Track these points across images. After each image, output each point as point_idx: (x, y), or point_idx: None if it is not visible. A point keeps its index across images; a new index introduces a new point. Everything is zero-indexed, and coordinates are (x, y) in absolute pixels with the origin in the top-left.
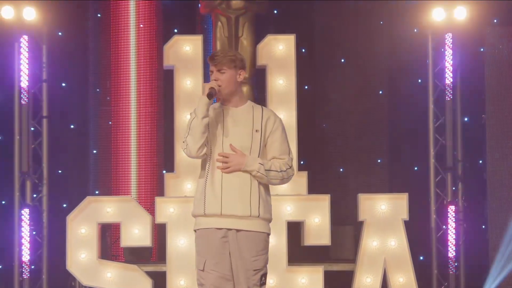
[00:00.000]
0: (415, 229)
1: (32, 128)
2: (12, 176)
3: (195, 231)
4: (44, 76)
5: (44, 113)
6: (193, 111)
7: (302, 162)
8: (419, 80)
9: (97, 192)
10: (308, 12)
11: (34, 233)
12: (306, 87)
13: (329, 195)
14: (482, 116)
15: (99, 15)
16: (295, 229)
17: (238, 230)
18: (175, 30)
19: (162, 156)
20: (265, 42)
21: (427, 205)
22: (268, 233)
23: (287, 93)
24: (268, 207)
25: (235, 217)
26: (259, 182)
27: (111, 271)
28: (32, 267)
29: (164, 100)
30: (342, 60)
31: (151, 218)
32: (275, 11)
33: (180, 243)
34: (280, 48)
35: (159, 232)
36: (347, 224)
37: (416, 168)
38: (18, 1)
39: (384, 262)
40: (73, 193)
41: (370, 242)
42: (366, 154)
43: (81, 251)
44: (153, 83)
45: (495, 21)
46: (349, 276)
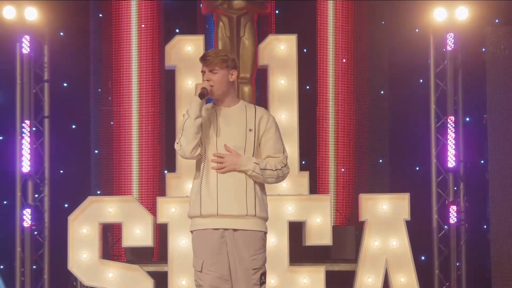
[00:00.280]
0: (417, 229)
1: (33, 128)
2: (13, 176)
3: (191, 232)
4: (46, 76)
5: (46, 113)
6: (186, 112)
7: (303, 162)
8: (421, 80)
9: (98, 192)
10: (310, 12)
11: (35, 233)
12: (307, 87)
13: (330, 195)
14: (483, 116)
15: (100, 15)
16: (296, 229)
17: (235, 229)
18: (177, 30)
19: (164, 156)
20: (267, 42)
21: (429, 205)
22: (265, 232)
23: (288, 93)
24: (264, 206)
25: (231, 217)
26: (255, 181)
27: (113, 271)
28: (34, 267)
29: (166, 100)
30: (344, 60)
31: (153, 218)
32: (276, 11)
33: (182, 243)
34: (281, 48)
35: (161, 232)
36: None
37: (417, 168)
38: (19, 1)
39: (386, 262)
40: (74, 193)
41: (372, 242)
42: (367, 154)
43: (82, 251)
44: (154, 83)
45: (497, 21)
46: (350, 276)
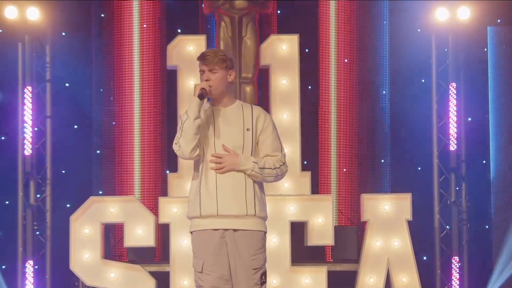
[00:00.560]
0: (419, 229)
1: (35, 128)
2: (15, 176)
3: (191, 233)
4: (48, 76)
5: (48, 113)
6: (184, 112)
7: (305, 162)
8: (423, 80)
9: (100, 192)
10: (312, 12)
11: (37, 233)
12: (309, 87)
13: (332, 195)
14: (485, 116)
15: (102, 15)
16: (298, 229)
17: (235, 230)
18: (179, 30)
19: (166, 156)
20: (269, 42)
21: (431, 205)
22: (265, 232)
23: (290, 93)
24: (264, 205)
25: (231, 217)
26: (254, 181)
27: (115, 271)
28: (36, 267)
29: (168, 100)
30: (346, 60)
31: (155, 218)
32: (278, 11)
33: (184, 243)
34: (283, 48)
35: (163, 232)
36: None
37: (419, 168)
38: (21, 1)
39: (388, 262)
40: (76, 193)
41: (374, 242)
42: (369, 154)
43: (84, 251)
44: (156, 83)
45: (499, 21)
46: (352, 276)
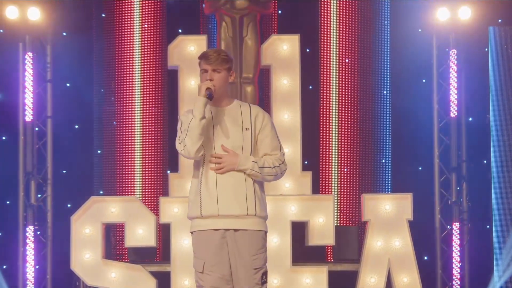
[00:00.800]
0: (420, 229)
1: (36, 128)
2: (16, 176)
3: (191, 233)
4: (49, 76)
5: (49, 113)
6: (184, 112)
7: (306, 162)
8: (424, 80)
9: (101, 192)
10: (313, 12)
11: (38, 233)
12: (310, 87)
13: (333, 195)
14: (486, 116)
15: (103, 15)
16: (299, 229)
17: (236, 230)
18: (180, 30)
19: (167, 156)
20: (270, 42)
21: (432, 205)
22: (266, 231)
23: (291, 93)
24: (264, 205)
25: (232, 217)
26: (254, 180)
27: (116, 271)
28: (37, 267)
29: (169, 100)
30: (346, 60)
31: (156, 218)
32: (279, 11)
33: (185, 243)
34: (284, 48)
35: (164, 232)
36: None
37: (420, 168)
38: (22, 1)
39: (389, 262)
40: (77, 193)
41: (375, 242)
42: (370, 154)
43: (85, 251)
44: (157, 83)
45: (500, 21)
46: (353, 276)
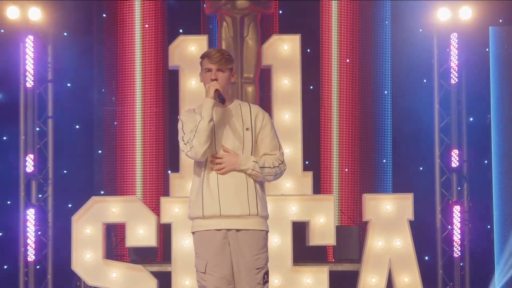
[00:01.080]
0: (420, 229)
1: (37, 128)
2: (17, 176)
3: (193, 233)
4: (50, 76)
5: (50, 113)
6: (184, 112)
7: (307, 162)
8: (424, 80)
9: (102, 192)
10: (314, 12)
11: (39, 233)
12: (311, 87)
13: (334, 195)
14: (487, 116)
15: (104, 15)
16: (300, 229)
17: (238, 230)
18: (180, 30)
19: (167, 156)
20: (270, 42)
21: (433, 205)
22: (267, 231)
23: (292, 93)
24: (265, 204)
25: (234, 217)
26: (255, 180)
27: (116, 271)
28: (38, 267)
29: (169, 100)
30: (347, 60)
31: (156, 218)
32: (280, 11)
33: (185, 243)
34: (285, 48)
35: (164, 232)
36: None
37: (421, 168)
38: (23, 1)
39: (389, 262)
40: (78, 193)
41: (375, 242)
42: (371, 154)
43: (86, 251)
44: (158, 83)
45: (501, 21)
46: (354, 276)
